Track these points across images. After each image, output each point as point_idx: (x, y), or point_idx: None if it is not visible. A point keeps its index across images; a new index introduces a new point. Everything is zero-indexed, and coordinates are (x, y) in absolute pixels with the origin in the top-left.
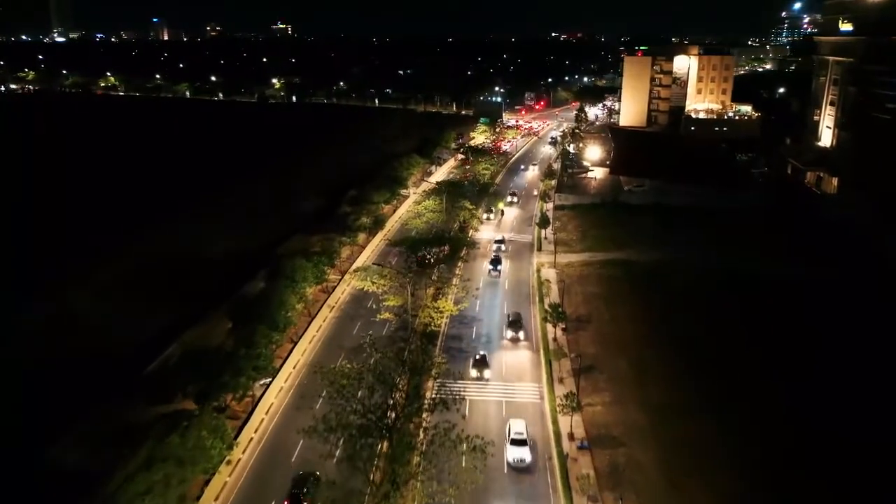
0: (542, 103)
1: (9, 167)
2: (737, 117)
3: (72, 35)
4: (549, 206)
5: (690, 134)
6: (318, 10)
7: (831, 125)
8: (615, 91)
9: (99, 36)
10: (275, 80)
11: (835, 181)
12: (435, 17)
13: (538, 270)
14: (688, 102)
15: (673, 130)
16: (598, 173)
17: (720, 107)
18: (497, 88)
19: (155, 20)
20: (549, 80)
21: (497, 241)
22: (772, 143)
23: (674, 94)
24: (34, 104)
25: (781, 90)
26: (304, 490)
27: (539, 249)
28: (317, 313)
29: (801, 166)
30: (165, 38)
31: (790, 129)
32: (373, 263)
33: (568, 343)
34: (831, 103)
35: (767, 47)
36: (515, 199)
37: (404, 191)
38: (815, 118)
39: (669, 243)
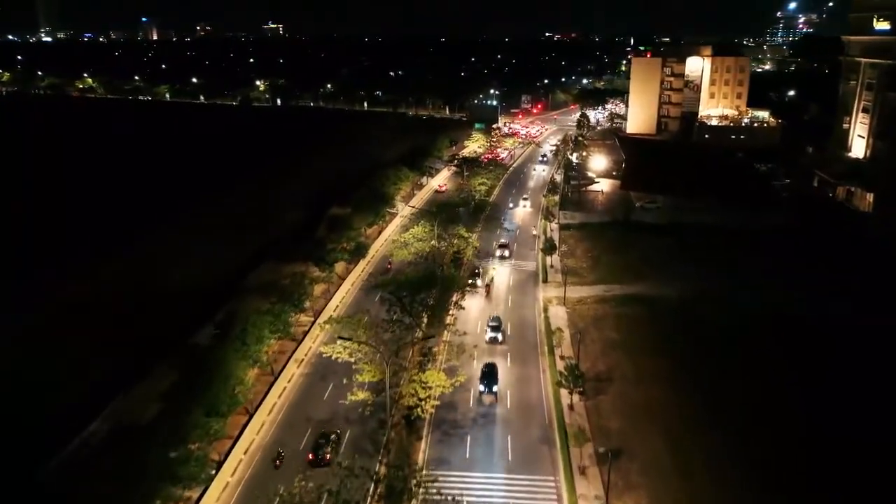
0: (539, 106)
1: None
2: (755, 124)
3: (59, 35)
4: (553, 224)
5: (704, 142)
6: (311, 10)
7: (864, 134)
8: (617, 94)
9: (87, 36)
10: (259, 82)
11: (870, 197)
12: (428, 17)
13: (545, 309)
14: (700, 108)
15: (685, 138)
16: (605, 185)
17: (735, 112)
18: (492, 91)
19: (144, 20)
20: (546, 81)
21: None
22: (791, 152)
23: (686, 98)
24: (3, 107)
25: (791, 93)
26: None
27: (545, 280)
28: (281, 370)
29: (831, 180)
30: (155, 38)
31: (809, 135)
32: (345, 317)
33: (587, 412)
34: (864, 110)
35: (765, 47)
36: (506, 253)
37: (391, 209)
38: (845, 126)
39: (693, 272)
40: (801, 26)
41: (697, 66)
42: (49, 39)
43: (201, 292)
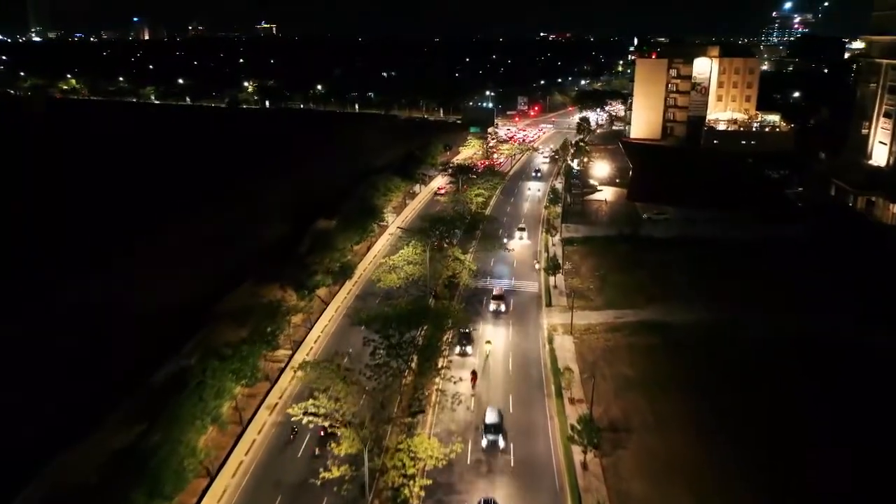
0: (536, 108)
1: None
2: (767, 129)
3: (50, 34)
4: (556, 238)
5: (713, 148)
6: (304, 10)
7: (887, 141)
8: (616, 95)
9: (78, 35)
10: (247, 84)
11: (894, 208)
12: (420, 17)
13: (550, 339)
14: (708, 111)
15: (692, 144)
16: (608, 193)
17: (745, 116)
18: (488, 93)
19: (136, 19)
20: (542, 82)
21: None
22: (803, 158)
23: (693, 101)
24: None
25: (795, 94)
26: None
27: (549, 304)
28: (250, 419)
29: (850, 189)
30: (146, 37)
31: (820, 140)
32: (322, 362)
33: (603, 473)
34: (886, 115)
35: (761, 47)
36: (502, 308)
37: (381, 223)
38: (864, 131)
39: (711, 293)
40: (796, 26)
41: (705, 67)
42: (39, 39)
43: (172, 317)
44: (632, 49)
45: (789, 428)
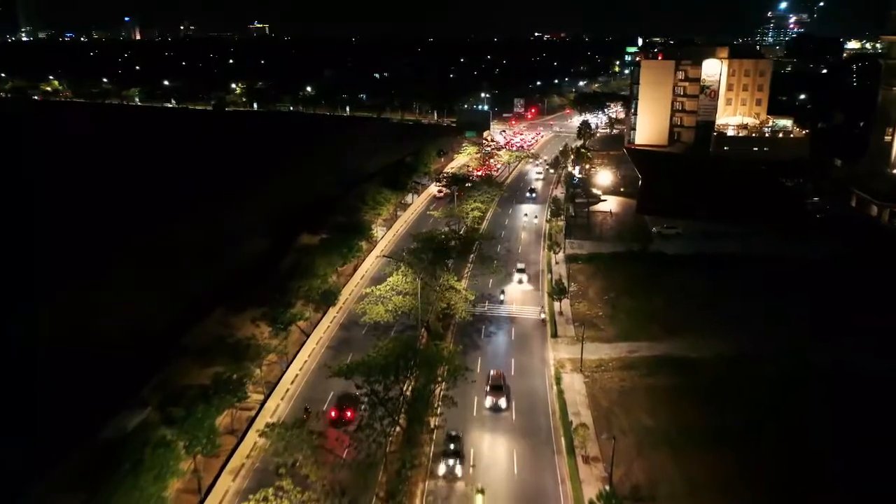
0: (533, 111)
1: None
2: (780, 134)
3: (41, 35)
4: (559, 255)
5: (724, 155)
6: (296, 9)
7: None
8: (616, 97)
9: (69, 35)
10: (235, 85)
11: None
12: (414, 17)
13: (558, 378)
14: (718, 116)
15: (701, 150)
16: (612, 203)
17: (756, 121)
18: (483, 95)
19: (126, 19)
20: (539, 83)
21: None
22: (818, 166)
23: (702, 106)
24: None
25: (801, 96)
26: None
27: (554, 335)
28: (211, 487)
29: (874, 200)
30: (138, 37)
31: (833, 146)
32: (289, 429)
33: None
34: None
35: (758, 48)
36: (502, 404)
37: (369, 241)
38: (887, 138)
39: (732, 321)
40: (791, 26)
41: (715, 69)
42: (29, 39)
43: (130, 351)
44: (633, 50)
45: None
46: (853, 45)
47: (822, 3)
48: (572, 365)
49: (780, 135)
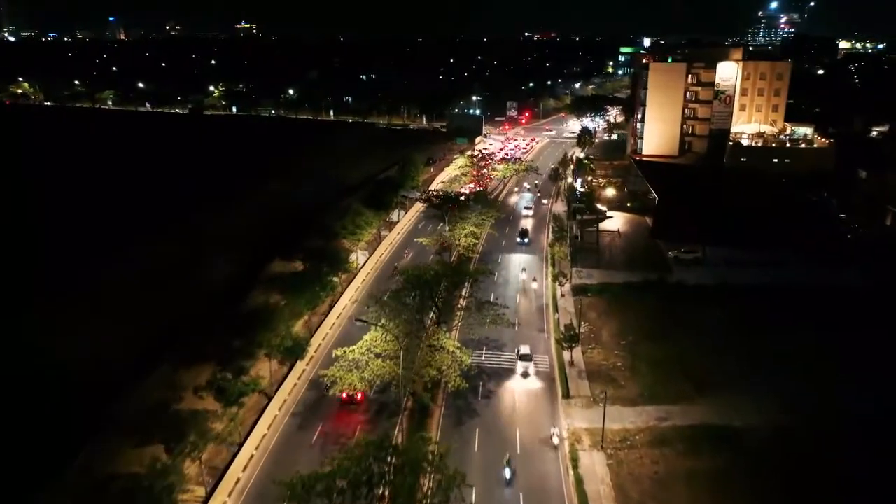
0: (527, 114)
1: None
2: (802, 144)
3: (23, 34)
4: (566, 287)
5: (741, 167)
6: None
7: None
8: (613, 100)
9: (52, 35)
10: (213, 87)
11: None
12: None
13: (574, 459)
14: (732, 124)
15: (715, 162)
16: (619, 220)
17: (774, 129)
18: (474, 98)
19: (111, 19)
20: (532, 84)
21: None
22: (844, 178)
23: (716, 113)
24: None
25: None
26: None
27: (566, 395)
28: None
29: None
30: (122, 37)
31: (858, 155)
32: None
33: None
34: None
35: (750, 48)
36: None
37: (345, 272)
38: None
39: (778, 374)
40: (782, 26)
41: (730, 73)
42: (13, 39)
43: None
44: (628, 50)
45: None
46: (844, 44)
47: (812, 3)
48: (591, 439)
49: (802, 144)
